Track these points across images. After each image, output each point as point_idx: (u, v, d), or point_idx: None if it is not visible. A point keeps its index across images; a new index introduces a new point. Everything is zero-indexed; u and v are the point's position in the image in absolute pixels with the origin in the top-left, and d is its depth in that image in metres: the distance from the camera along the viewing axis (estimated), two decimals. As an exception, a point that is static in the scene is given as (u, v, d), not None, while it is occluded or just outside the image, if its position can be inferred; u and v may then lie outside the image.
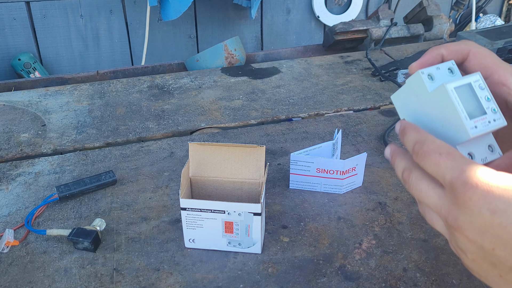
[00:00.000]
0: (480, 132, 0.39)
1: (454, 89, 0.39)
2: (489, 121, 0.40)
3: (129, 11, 2.09)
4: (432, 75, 0.41)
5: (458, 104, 0.39)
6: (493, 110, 0.40)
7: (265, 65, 1.25)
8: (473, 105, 0.40)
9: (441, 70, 0.42)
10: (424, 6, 1.37)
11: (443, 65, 0.42)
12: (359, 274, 0.59)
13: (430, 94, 0.41)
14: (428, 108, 0.41)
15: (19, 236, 0.66)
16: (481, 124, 0.40)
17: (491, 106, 0.40)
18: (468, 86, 0.40)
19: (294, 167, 0.73)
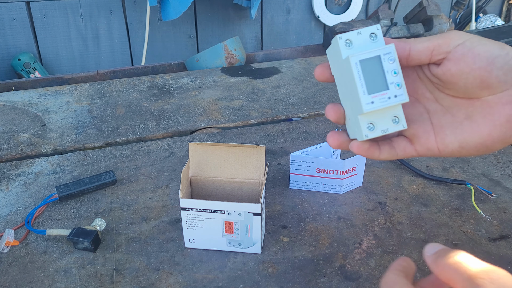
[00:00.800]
0: (376, 108, 0.39)
1: (358, 62, 0.39)
2: (389, 97, 0.39)
3: (129, 11, 2.09)
4: (351, 41, 0.40)
5: (359, 78, 0.39)
6: (397, 85, 0.39)
7: (265, 65, 1.25)
8: (376, 79, 0.39)
9: (362, 35, 0.40)
10: (424, 6, 1.37)
11: (366, 30, 0.40)
12: (359, 274, 0.59)
13: (343, 61, 0.40)
14: (343, 73, 0.41)
15: (19, 236, 0.66)
16: (379, 100, 0.39)
17: (396, 80, 0.39)
18: (376, 59, 0.39)
19: (294, 167, 0.73)
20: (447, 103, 0.43)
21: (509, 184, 0.75)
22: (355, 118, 0.41)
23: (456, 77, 0.40)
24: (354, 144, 0.43)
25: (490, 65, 0.38)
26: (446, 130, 0.42)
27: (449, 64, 0.39)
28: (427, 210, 0.70)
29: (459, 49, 0.39)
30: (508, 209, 0.70)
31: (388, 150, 0.44)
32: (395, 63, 0.39)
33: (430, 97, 0.43)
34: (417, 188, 0.75)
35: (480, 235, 0.65)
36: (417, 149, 0.43)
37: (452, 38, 0.39)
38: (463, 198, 0.72)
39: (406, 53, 0.40)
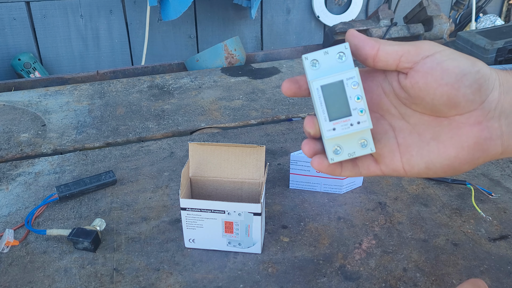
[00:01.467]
0: (337, 135, 0.38)
1: (320, 88, 0.37)
2: (351, 124, 0.38)
3: (129, 11, 2.09)
4: (317, 61, 0.38)
5: (320, 104, 0.38)
6: (360, 111, 0.38)
7: (265, 65, 1.25)
8: (339, 105, 0.38)
9: (329, 55, 0.38)
10: (424, 6, 1.37)
11: (333, 49, 0.38)
12: (359, 274, 0.59)
13: (308, 81, 0.39)
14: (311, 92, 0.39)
15: (19, 236, 0.66)
16: (341, 127, 0.38)
17: (360, 106, 0.38)
18: (339, 84, 0.38)
19: (294, 167, 0.73)
20: (414, 121, 0.40)
21: (509, 184, 0.75)
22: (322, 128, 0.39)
23: (423, 92, 0.37)
24: (314, 161, 0.41)
25: (458, 83, 0.36)
26: (412, 151, 0.40)
27: (417, 76, 0.37)
28: (427, 210, 0.70)
29: (428, 62, 0.36)
30: (508, 209, 0.70)
31: (350, 168, 0.42)
32: (359, 88, 0.38)
33: (395, 114, 0.41)
34: (417, 188, 0.75)
35: (480, 235, 0.65)
36: (382, 169, 0.42)
37: (423, 48, 0.37)
38: (463, 198, 0.72)
39: (374, 52, 0.38)
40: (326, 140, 0.39)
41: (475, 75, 0.36)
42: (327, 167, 0.41)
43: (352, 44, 0.39)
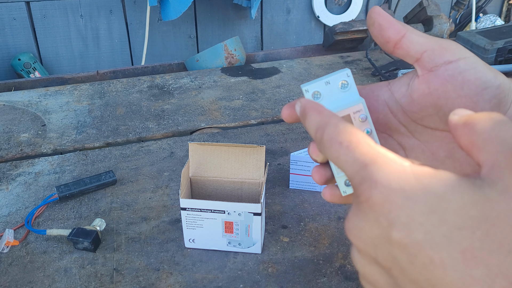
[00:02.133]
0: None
1: None
2: None
3: (129, 11, 2.09)
4: (319, 93, 0.36)
5: None
6: None
7: (265, 65, 1.25)
8: None
9: (331, 85, 0.36)
10: (424, 6, 1.38)
11: (335, 78, 0.35)
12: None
13: None
14: None
15: (19, 236, 0.66)
16: None
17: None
18: (346, 119, 0.35)
19: (294, 167, 0.73)
20: (426, 138, 0.37)
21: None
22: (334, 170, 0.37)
23: (441, 100, 0.35)
24: (326, 193, 0.38)
25: (478, 96, 0.33)
26: None
27: (436, 82, 0.34)
28: (427, 210, 0.70)
29: (450, 68, 0.34)
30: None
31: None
32: (367, 121, 0.36)
33: (404, 132, 0.38)
34: (417, 188, 0.75)
35: (480, 235, 0.65)
36: None
37: (448, 50, 0.34)
38: (463, 198, 0.72)
39: (398, 37, 0.35)
40: (337, 176, 0.37)
41: (495, 90, 0.33)
42: (340, 199, 0.39)
43: (376, 23, 0.36)
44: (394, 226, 0.25)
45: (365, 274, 0.29)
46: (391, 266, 0.26)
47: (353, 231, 0.28)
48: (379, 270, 0.28)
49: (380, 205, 0.26)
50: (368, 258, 0.28)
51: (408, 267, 0.25)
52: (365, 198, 0.26)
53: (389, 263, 0.26)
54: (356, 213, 0.27)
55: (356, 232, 0.27)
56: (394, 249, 0.25)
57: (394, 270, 0.26)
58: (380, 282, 0.28)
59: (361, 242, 0.27)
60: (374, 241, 0.26)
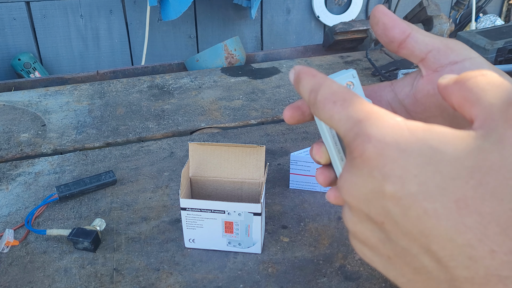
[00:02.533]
0: None
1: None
2: None
3: (129, 11, 2.09)
4: None
5: (335, 144, 0.35)
6: None
7: (265, 65, 1.25)
8: None
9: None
10: (424, 6, 1.38)
11: (339, 80, 0.35)
12: (359, 274, 0.59)
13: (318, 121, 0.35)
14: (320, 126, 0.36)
15: (19, 236, 0.66)
16: None
17: None
18: None
19: (294, 167, 0.73)
20: None
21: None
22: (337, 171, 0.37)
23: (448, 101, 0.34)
24: (331, 195, 0.38)
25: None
26: None
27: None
28: (427, 210, 0.70)
29: (456, 69, 0.33)
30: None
31: None
32: None
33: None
34: (417, 188, 0.75)
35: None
36: None
37: (454, 50, 0.34)
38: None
39: (403, 37, 0.35)
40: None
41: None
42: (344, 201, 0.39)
43: (380, 22, 0.35)
44: (388, 179, 0.25)
45: (356, 233, 0.29)
46: (383, 220, 0.26)
47: (346, 188, 0.28)
48: (371, 227, 0.28)
49: (374, 159, 0.25)
50: (360, 215, 0.28)
51: (401, 219, 0.25)
52: (358, 153, 0.26)
53: (382, 217, 0.26)
54: (349, 170, 0.27)
55: (349, 188, 0.27)
56: (387, 203, 0.25)
57: (387, 224, 0.26)
58: (371, 239, 0.28)
59: (353, 198, 0.27)
60: (367, 196, 0.26)
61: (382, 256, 0.28)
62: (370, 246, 0.29)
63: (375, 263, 0.30)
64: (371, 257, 0.29)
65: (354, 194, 0.27)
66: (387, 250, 0.28)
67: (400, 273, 0.28)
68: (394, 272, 0.28)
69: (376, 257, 0.29)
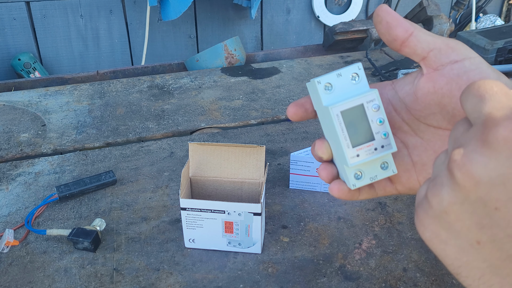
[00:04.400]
0: (362, 161, 0.36)
1: (340, 113, 0.35)
2: (375, 148, 0.36)
3: (129, 11, 2.09)
4: (331, 85, 0.36)
5: (342, 131, 0.36)
6: (384, 135, 0.36)
7: (265, 65, 1.25)
8: (361, 130, 0.36)
9: (342, 77, 0.36)
10: (424, 6, 1.38)
11: (346, 70, 0.36)
12: (359, 274, 0.59)
13: (323, 107, 0.36)
14: (325, 118, 0.37)
15: (19, 236, 0.66)
16: (365, 152, 0.36)
17: (383, 130, 0.36)
18: (359, 108, 0.36)
19: (294, 167, 0.73)
20: (428, 136, 0.38)
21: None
22: (341, 165, 0.38)
23: (446, 99, 0.35)
24: (334, 188, 0.39)
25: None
26: (428, 169, 0.38)
27: (442, 81, 0.35)
28: (427, 210, 0.70)
29: (456, 68, 0.34)
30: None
31: (367, 190, 0.40)
32: (380, 111, 0.36)
33: (408, 130, 0.39)
34: (417, 188, 0.75)
35: (480, 235, 0.65)
36: (398, 189, 0.40)
37: (455, 50, 0.35)
38: (463, 198, 0.72)
39: (406, 36, 0.35)
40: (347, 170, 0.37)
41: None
42: (347, 193, 0.39)
43: (384, 20, 0.36)
44: None
45: (447, 212, 0.28)
46: (499, 206, 0.26)
47: (470, 167, 0.26)
48: (474, 209, 0.27)
49: None
50: (470, 196, 0.27)
51: None
52: (501, 136, 0.25)
53: (499, 203, 0.26)
54: (480, 151, 0.26)
55: (475, 168, 0.26)
56: None
57: (502, 210, 0.26)
58: (466, 221, 0.27)
59: (475, 178, 0.26)
60: (494, 179, 0.25)
61: (468, 240, 0.28)
62: (455, 229, 0.28)
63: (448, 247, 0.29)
64: (447, 239, 0.29)
65: (478, 175, 0.26)
66: (481, 235, 0.27)
67: (483, 259, 0.28)
68: (473, 257, 0.28)
69: (455, 240, 0.28)
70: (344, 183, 0.39)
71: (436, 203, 0.28)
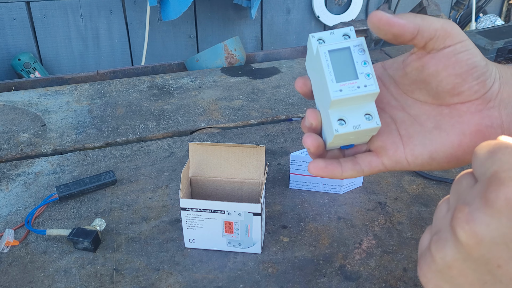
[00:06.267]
0: (344, 96, 0.38)
1: (327, 52, 0.38)
2: (358, 86, 0.38)
3: (129, 11, 2.09)
4: (323, 39, 0.40)
5: (327, 67, 0.38)
6: (367, 76, 0.38)
7: (265, 65, 1.25)
8: (346, 69, 0.38)
9: (335, 35, 0.40)
10: (424, 6, 1.38)
11: (339, 31, 0.40)
12: (359, 274, 0.59)
13: (315, 56, 0.39)
14: (315, 70, 0.40)
15: (19, 236, 0.66)
16: (348, 88, 0.38)
17: (366, 71, 0.38)
18: (346, 50, 0.38)
19: (294, 167, 0.73)
20: (415, 111, 0.40)
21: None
22: (327, 118, 0.39)
23: (431, 77, 0.38)
24: (310, 165, 0.40)
25: (467, 73, 0.37)
26: (415, 141, 0.40)
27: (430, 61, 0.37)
28: (427, 210, 0.70)
29: (447, 51, 0.37)
30: (508, 209, 0.70)
31: (351, 166, 0.41)
32: (365, 55, 0.38)
33: (396, 105, 0.41)
34: (417, 188, 0.75)
35: (480, 235, 0.65)
36: (384, 163, 0.41)
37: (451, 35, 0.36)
38: (463, 198, 0.72)
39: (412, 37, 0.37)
40: (332, 109, 0.39)
41: (483, 68, 0.37)
42: (325, 168, 0.40)
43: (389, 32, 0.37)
44: None
45: (450, 268, 0.28)
46: (501, 264, 0.26)
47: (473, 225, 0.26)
48: (476, 267, 0.27)
49: None
50: (472, 254, 0.27)
51: None
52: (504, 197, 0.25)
53: (501, 261, 0.26)
54: (483, 210, 0.26)
55: (478, 227, 0.26)
56: None
57: (503, 268, 0.26)
58: (468, 277, 0.28)
59: (477, 237, 0.26)
60: (496, 240, 0.26)
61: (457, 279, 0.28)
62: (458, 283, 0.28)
63: None
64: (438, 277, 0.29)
65: (481, 234, 0.26)
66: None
67: None
68: None
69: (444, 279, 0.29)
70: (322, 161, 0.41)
71: (440, 258, 0.28)
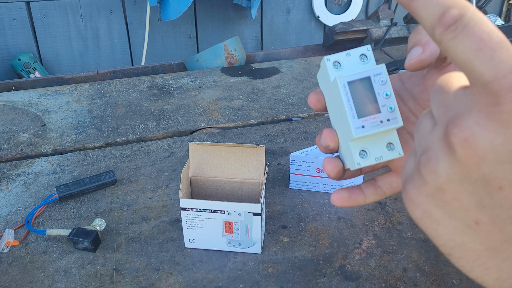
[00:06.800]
0: (366, 133, 0.36)
1: (347, 84, 0.36)
2: (381, 121, 0.36)
3: (129, 11, 2.09)
4: (339, 63, 0.37)
5: (348, 101, 0.36)
6: (390, 108, 0.36)
7: (265, 65, 1.25)
8: (367, 102, 0.36)
9: (351, 56, 0.37)
10: (424, 6, 1.37)
11: (355, 51, 0.37)
12: (359, 274, 0.59)
13: (331, 83, 0.37)
14: (333, 97, 0.38)
15: (19, 236, 0.66)
16: (370, 124, 0.36)
17: (389, 103, 0.36)
18: (366, 80, 0.36)
19: (294, 167, 0.73)
20: None
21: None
22: (346, 145, 0.38)
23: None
24: (334, 196, 0.38)
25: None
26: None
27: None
28: (427, 210, 0.70)
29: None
30: (508, 209, 0.70)
31: (373, 191, 0.39)
32: (387, 85, 0.36)
33: (414, 121, 0.39)
34: (417, 188, 0.75)
35: (480, 235, 0.65)
36: None
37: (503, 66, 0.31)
38: (463, 198, 0.72)
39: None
40: (353, 141, 0.37)
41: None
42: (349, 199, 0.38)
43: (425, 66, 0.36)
44: None
45: (445, 190, 0.25)
46: (503, 185, 0.23)
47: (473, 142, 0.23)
48: (475, 189, 0.24)
49: None
50: (471, 173, 0.24)
51: None
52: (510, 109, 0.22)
53: (504, 182, 0.23)
54: (485, 124, 0.23)
55: (479, 142, 0.23)
56: None
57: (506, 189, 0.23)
58: (465, 201, 0.25)
59: (476, 152, 0.23)
60: (500, 157, 0.23)
61: (465, 221, 0.25)
62: (451, 208, 0.25)
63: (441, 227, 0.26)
64: (440, 219, 0.26)
65: (483, 151, 0.23)
66: (480, 215, 0.25)
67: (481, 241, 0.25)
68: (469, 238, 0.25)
69: (450, 220, 0.26)
70: (346, 191, 0.38)
71: (432, 180, 0.25)
